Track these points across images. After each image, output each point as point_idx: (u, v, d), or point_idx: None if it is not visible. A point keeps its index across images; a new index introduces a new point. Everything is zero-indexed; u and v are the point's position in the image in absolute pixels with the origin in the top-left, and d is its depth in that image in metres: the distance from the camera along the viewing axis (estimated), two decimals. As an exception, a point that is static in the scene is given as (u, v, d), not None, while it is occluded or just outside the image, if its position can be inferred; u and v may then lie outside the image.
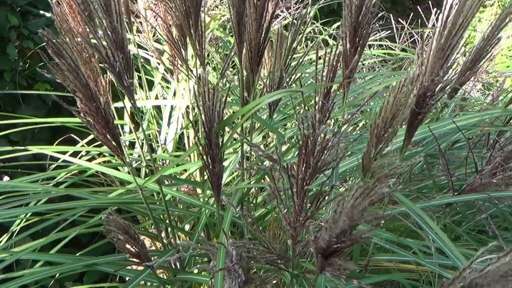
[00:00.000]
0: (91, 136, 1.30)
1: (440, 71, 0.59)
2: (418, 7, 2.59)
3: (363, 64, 1.48)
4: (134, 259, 0.78)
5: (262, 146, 1.09)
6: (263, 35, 0.65)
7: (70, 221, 0.96)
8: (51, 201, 1.03)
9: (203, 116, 0.62)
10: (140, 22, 1.32)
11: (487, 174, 0.92)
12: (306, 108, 0.86)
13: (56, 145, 1.28)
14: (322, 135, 0.55)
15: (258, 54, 0.67)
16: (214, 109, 0.60)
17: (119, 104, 1.37)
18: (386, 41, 1.85)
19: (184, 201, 1.00)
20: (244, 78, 0.79)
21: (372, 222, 0.40)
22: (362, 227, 0.77)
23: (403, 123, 0.80)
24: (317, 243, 0.47)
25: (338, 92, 0.75)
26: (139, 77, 1.37)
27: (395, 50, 1.70)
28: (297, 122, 0.73)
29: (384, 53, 1.51)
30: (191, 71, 0.92)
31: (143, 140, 1.33)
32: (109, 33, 0.58)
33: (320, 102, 0.65)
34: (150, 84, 1.49)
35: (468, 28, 0.58)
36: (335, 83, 0.61)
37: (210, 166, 0.66)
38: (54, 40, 0.59)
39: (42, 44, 1.06)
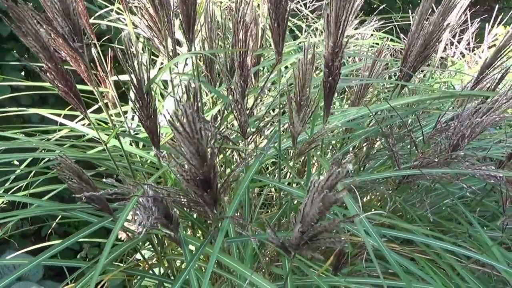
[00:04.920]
0: (96, 106, 1.44)
1: (331, 42, 0.66)
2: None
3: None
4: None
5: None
6: (190, 9, 0.75)
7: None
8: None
9: (133, 77, 0.72)
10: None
11: (433, 154, 0.97)
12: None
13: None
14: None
15: (189, 26, 0.77)
16: (141, 71, 0.71)
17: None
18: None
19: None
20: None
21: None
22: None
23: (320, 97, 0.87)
24: (185, 178, 0.57)
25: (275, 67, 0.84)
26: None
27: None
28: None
29: (375, 42, 1.56)
30: (165, 47, 1.03)
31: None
32: (56, 2, 0.70)
33: (239, 70, 0.74)
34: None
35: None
36: (242, 50, 0.69)
37: (143, 121, 0.77)
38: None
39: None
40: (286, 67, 1.51)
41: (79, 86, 1.15)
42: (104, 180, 0.72)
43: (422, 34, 0.96)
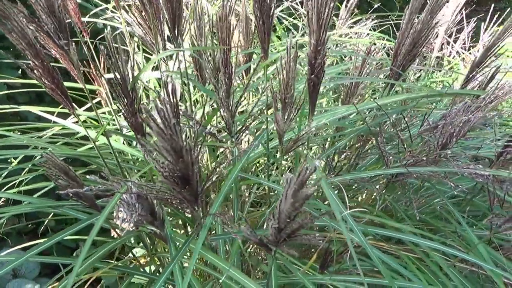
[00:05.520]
0: (89, 105, 1.45)
1: (313, 40, 0.66)
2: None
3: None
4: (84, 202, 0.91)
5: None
6: (175, 6, 0.75)
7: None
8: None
9: (117, 75, 0.73)
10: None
11: (422, 152, 0.97)
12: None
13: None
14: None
15: (174, 23, 0.78)
16: (123, 68, 0.71)
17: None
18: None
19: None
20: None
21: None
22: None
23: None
24: (164, 174, 0.57)
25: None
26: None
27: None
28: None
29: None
30: (154, 44, 1.04)
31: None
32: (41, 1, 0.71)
33: (222, 67, 0.74)
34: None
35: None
36: (220, 47, 0.70)
37: (128, 119, 0.77)
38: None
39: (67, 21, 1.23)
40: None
41: (74, 84, 1.16)
42: (88, 177, 0.73)
43: (411, 32, 0.96)
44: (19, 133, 1.45)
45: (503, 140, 1.08)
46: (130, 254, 1.37)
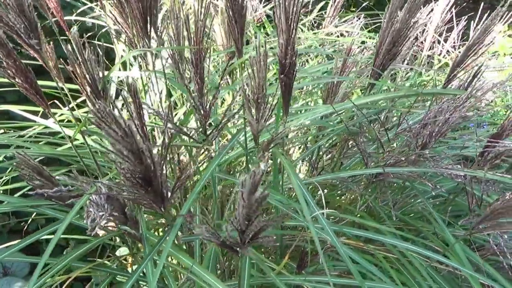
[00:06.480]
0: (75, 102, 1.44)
1: (282, 40, 0.66)
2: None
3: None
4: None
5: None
6: (146, 4, 0.74)
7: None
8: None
9: (86, 75, 0.72)
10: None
11: (401, 152, 0.96)
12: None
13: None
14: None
15: (146, 21, 0.77)
16: (93, 67, 0.71)
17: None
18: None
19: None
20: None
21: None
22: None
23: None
24: (126, 176, 0.56)
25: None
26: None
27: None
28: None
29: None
30: (134, 44, 1.03)
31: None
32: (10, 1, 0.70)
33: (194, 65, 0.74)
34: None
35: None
36: (189, 47, 0.69)
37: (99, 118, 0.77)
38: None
39: (46, 21, 1.22)
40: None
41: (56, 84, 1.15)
42: (57, 177, 0.72)
43: (390, 31, 0.96)
44: (11, 131, 1.45)
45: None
46: (117, 253, 1.37)
